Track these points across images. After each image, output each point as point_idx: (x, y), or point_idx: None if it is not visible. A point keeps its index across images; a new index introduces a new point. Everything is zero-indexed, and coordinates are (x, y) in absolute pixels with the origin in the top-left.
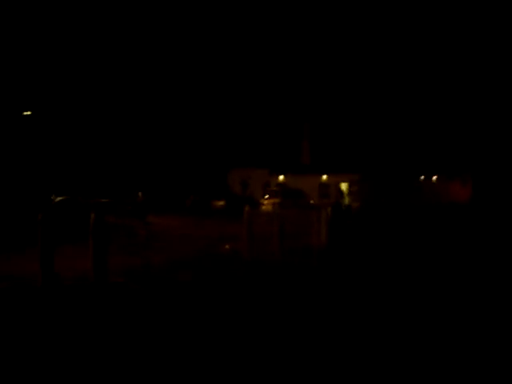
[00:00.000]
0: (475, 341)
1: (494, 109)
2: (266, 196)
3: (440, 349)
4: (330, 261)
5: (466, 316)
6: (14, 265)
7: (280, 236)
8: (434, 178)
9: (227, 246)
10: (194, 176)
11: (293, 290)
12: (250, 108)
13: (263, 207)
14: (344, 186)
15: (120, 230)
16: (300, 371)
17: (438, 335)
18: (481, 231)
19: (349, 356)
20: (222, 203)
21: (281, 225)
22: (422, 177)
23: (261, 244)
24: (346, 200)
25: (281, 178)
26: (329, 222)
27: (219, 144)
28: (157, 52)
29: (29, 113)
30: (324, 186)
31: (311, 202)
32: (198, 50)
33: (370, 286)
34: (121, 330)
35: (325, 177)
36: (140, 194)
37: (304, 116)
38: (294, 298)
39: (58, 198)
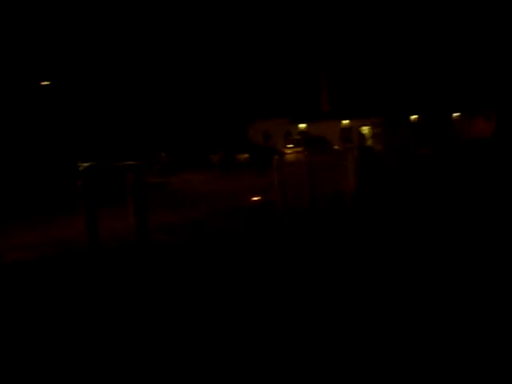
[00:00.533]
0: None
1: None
2: (289, 145)
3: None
4: (361, 206)
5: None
6: (56, 230)
7: (310, 183)
8: (457, 114)
9: (259, 198)
10: (216, 131)
11: (329, 238)
12: (265, 59)
13: (287, 156)
14: (366, 130)
15: (152, 189)
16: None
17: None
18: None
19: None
20: (246, 156)
21: (309, 172)
22: (445, 115)
23: (292, 193)
24: (369, 143)
25: (302, 126)
26: (356, 165)
27: (238, 97)
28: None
29: (47, 83)
30: (345, 130)
31: (335, 147)
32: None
33: (400, 234)
34: (170, 294)
35: (346, 122)
36: (163, 153)
37: (321, 64)
38: (332, 246)
39: (84, 164)
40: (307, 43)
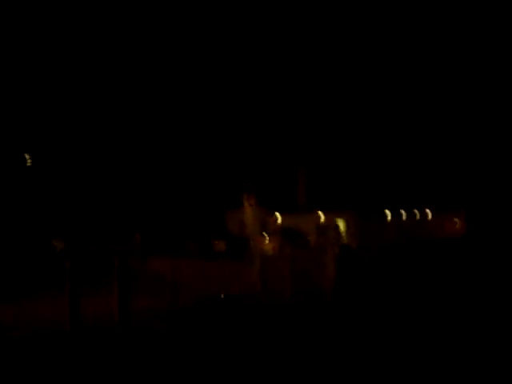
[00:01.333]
0: None
1: (487, 146)
2: (266, 236)
3: None
4: (341, 302)
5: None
6: (37, 309)
7: (291, 278)
8: (430, 213)
9: (238, 288)
10: (193, 217)
11: (307, 329)
12: (244, 150)
13: (264, 247)
14: (342, 225)
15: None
16: None
17: None
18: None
19: None
20: (222, 244)
21: (291, 266)
22: (418, 213)
23: (272, 285)
24: (345, 239)
25: (279, 217)
26: (337, 263)
27: (215, 185)
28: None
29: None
30: (322, 224)
31: (310, 241)
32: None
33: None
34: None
35: (322, 216)
36: (138, 235)
37: (300, 157)
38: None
39: (60, 243)
40: (286, 137)
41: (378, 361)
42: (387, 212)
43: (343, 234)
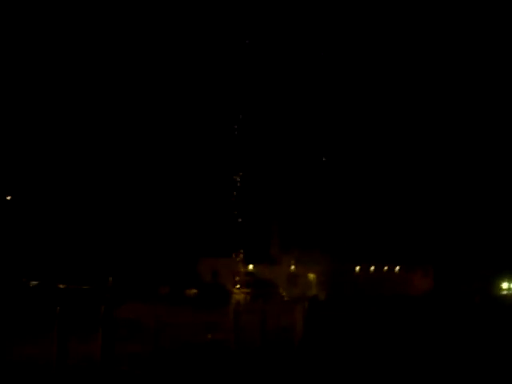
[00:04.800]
0: None
1: (452, 203)
2: (237, 285)
3: None
4: (308, 351)
5: None
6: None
7: (262, 327)
8: (397, 268)
9: (210, 336)
10: (165, 263)
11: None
12: (219, 201)
13: (235, 296)
14: (311, 277)
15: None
16: None
17: None
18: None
19: None
20: (194, 291)
21: (262, 317)
22: (386, 267)
23: (244, 333)
24: (314, 290)
25: (250, 267)
26: (305, 316)
27: (189, 234)
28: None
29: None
30: (292, 276)
31: (281, 292)
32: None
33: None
34: None
35: (293, 267)
36: (111, 279)
37: (273, 210)
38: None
39: (33, 282)
40: (260, 190)
41: None
42: (356, 266)
43: (313, 286)
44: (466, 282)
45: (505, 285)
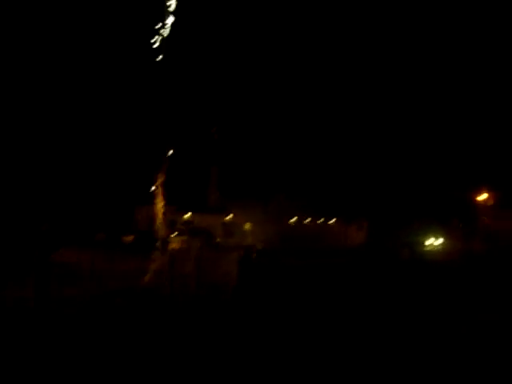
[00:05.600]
0: None
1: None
2: (174, 233)
3: None
4: (240, 296)
5: None
6: None
7: (197, 273)
8: (333, 221)
9: (147, 279)
10: (103, 210)
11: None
12: (155, 146)
13: (172, 245)
14: (248, 226)
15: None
16: None
17: None
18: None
19: None
20: (131, 238)
21: (197, 264)
22: (322, 219)
23: (179, 279)
24: (250, 240)
25: (187, 215)
26: (240, 264)
27: (126, 181)
28: None
29: None
30: (229, 224)
31: (217, 240)
32: None
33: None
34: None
35: (230, 216)
36: (46, 225)
37: (212, 158)
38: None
39: None
40: (199, 138)
41: (271, 355)
42: (293, 217)
43: (249, 235)
44: (395, 236)
45: (430, 240)
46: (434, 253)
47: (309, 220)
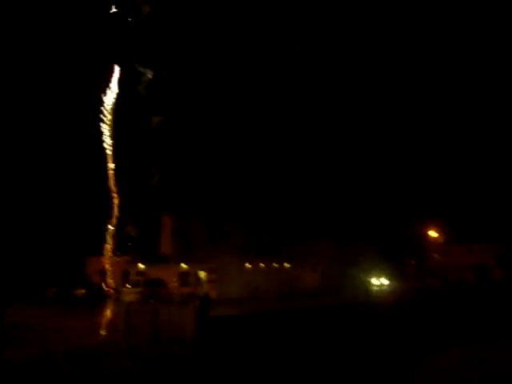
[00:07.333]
0: None
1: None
2: (128, 285)
3: None
4: (199, 349)
5: None
6: None
7: (153, 327)
8: (286, 264)
9: (103, 335)
10: (53, 263)
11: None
12: (108, 200)
13: (126, 297)
14: (202, 275)
15: None
16: None
17: None
18: None
19: None
20: (82, 292)
21: (153, 317)
22: (275, 264)
23: (135, 334)
24: (205, 288)
25: (141, 266)
26: (197, 315)
27: (76, 230)
28: None
29: None
30: (184, 274)
31: (172, 290)
32: None
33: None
34: None
35: (184, 265)
36: None
37: (164, 208)
38: None
39: None
40: (152, 187)
41: None
42: (246, 264)
43: (204, 283)
44: (349, 277)
45: (379, 280)
46: (384, 293)
47: (262, 265)
